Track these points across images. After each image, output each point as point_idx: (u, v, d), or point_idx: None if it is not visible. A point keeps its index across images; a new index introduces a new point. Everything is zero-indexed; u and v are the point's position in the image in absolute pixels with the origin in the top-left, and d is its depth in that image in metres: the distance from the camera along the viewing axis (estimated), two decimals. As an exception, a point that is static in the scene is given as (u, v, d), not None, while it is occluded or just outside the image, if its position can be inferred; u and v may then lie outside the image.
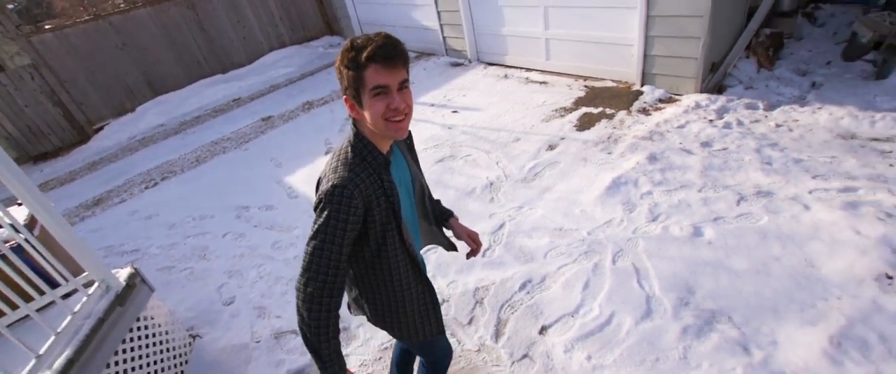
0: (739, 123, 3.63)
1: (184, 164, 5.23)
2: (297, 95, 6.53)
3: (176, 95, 7.21)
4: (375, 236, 1.22)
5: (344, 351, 2.47)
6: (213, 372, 2.52)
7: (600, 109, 4.34)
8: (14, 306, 1.94)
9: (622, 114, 4.16)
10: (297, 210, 3.83)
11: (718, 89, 4.20)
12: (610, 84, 4.78)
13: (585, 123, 4.14)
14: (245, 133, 5.68)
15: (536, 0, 4.97)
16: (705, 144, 3.46)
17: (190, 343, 2.68)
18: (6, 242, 1.97)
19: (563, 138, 3.99)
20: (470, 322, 2.48)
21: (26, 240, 1.94)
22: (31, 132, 6.34)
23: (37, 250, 1.97)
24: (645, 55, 4.35)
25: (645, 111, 4.13)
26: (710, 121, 3.72)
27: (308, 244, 1.15)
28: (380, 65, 1.07)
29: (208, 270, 3.37)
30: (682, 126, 3.73)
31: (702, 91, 4.13)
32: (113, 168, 5.61)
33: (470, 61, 6.25)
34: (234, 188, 4.41)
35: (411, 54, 7.11)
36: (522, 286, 2.61)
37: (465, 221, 3.21)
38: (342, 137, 1.26)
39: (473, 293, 2.63)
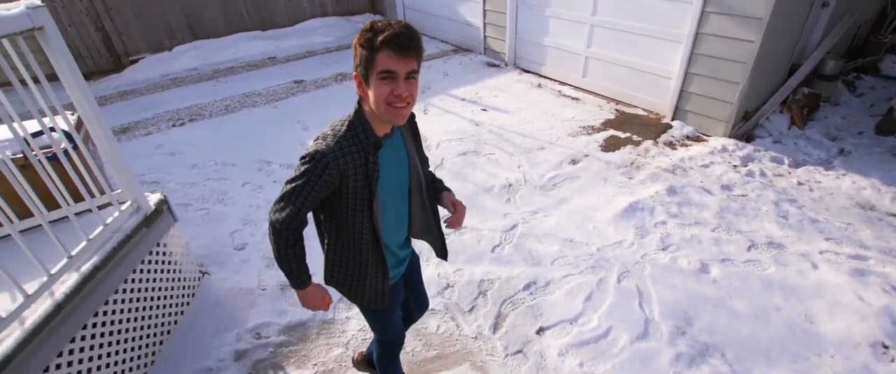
0: (762, 174, 3.68)
1: (213, 110, 5.32)
2: (332, 64, 6.61)
3: (214, 43, 7.31)
4: (347, 202, 1.31)
5: (346, 315, 2.56)
6: (218, 309, 2.61)
7: (628, 134, 4.39)
8: (54, 207, 2.03)
9: (648, 143, 4.21)
10: (317, 174, 3.90)
11: (747, 138, 4.24)
12: (641, 112, 4.83)
13: (611, 145, 4.20)
14: (276, 92, 5.76)
15: (584, 17, 5.02)
16: (726, 188, 3.51)
17: (199, 278, 2.77)
18: (43, 148, 2.05)
19: (586, 155, 4.05)
20: (471, 310, 2.55)
21: (75, 147, 2.03)
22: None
23: (82, 160, 2.05)
24: (681, 90, 4.39)
25: (671, 145, 4.19)
26: (734, 166, 3.77)
27: (285, 184, 1.29)
28: (393, 51, 1.13)
29: (224, 214, 3.46)
30: (705, 166, 3.78)
31: (731, 136, 4.18)
32: (143, 101, 5.71)
33: (506, 64, 6.31)
34: (259, 142, 4.49)
35: (449, 47, 7.21)
36: (526, 287, 2.67)
37: (478, 215, 3.29)
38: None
39: (478, 284, 2.70)
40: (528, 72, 6.09)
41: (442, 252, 1.71)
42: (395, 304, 1.65)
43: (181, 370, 2.28)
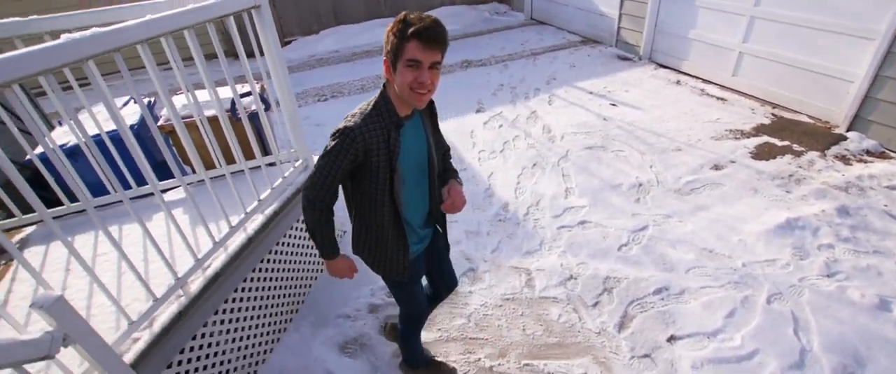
0: (976, 205, 2.97)
1: (351, 88, 5.85)
2: (458, 51, 6.81)
3: (354, 28, 7.98)
4: (371, 176, 1.43)
5: (469, 289, 2.67)
6: (357, 263, 2.89)
7: (786, 142, 3.85)
8: (250, 157, 2.43)
9: (813, 155, 3.65)
10: (443, 155, 4.10)
11: (956, 159, 3.45)
12: (804, 119, 4.20)
13: (764, 153, 3.72)
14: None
15: (744, 7, 4.48)
16: (920, 215, 2.91)
17: (340, 236, 3.10)
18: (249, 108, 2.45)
19: (732, 162, 3.65)
20: (595, 305, 2.49)
21: (267, 109, 2.40)
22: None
23: (267, 123, 2.42)
24: (865, 96, 3.71)
25: (844, 159, 3.58)
26: (935, 191, 3.10)
27: (318, 160, 1.41)
28: (420, 42, 1.23)
29: (360, 182, 3.81)
30: (893, 188, 3.17)
31: (931, 155, 3.43)
32: (295, 77, 6.47)
33: (639, 58, 5.91)
34: (391, 121, 4.83)
35: (576, 38, 6.97)
36: (657, 291, 2.53)
37: (603, 212, 3.18)
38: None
39: (603, 280, 2.62)
40: (665, 67, 5.63)
41: (442, 238, 1.83)
42: (415, 277, 1.75)
43: (325, 312, 2.59)
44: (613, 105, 4.78)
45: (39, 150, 2.64)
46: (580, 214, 3.20)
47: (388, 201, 1.49)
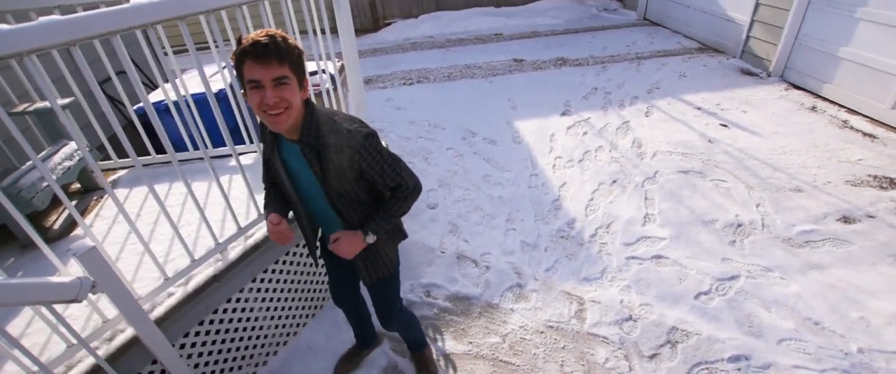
0: None
1: (437, 75, 5.80)
2: (555, 48, 6.42)
3: (452, 14, 7.93)
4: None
5: (511, 306, 2.47)
6: (402, 256, 2.83)
7: (955, 203, 3.01)
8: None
9: None
10: (515, 156, 3.87)
11: None
12: None
13: (919, 212, 2.94)
14: (495, 67, 5.92)
15: (927, 26, 3.55)
16: None
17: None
18: (314, 85, 2.46)
19: (871, 216, 2.94)
20: (652, 358, 2.15)
21: (335, 89, 2.39)
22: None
23: (337, 100, 2.41)
24: None
25: None
26: None
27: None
28: (252, 60, 1.14)
29: (425, 171, 3.74)
30: None
31: None
32: (387, 58, 6.61)
33: (768, 74, 5.05)
34: (469, 112, 4.69)
35: (693, 44, 6.18)
36: (734, 358, 2.11)
37: (687, 250, 2.75)
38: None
39: (668, 330, 2.26)
40: (800, 89, 4.74)
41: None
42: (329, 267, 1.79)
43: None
44: (724, 126, 4.13)
45: (156, 97, 2.94)
46: (657, 246, 2.80)
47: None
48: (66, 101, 2.34)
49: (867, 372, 2.02)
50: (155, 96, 2.88)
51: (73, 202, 2.35)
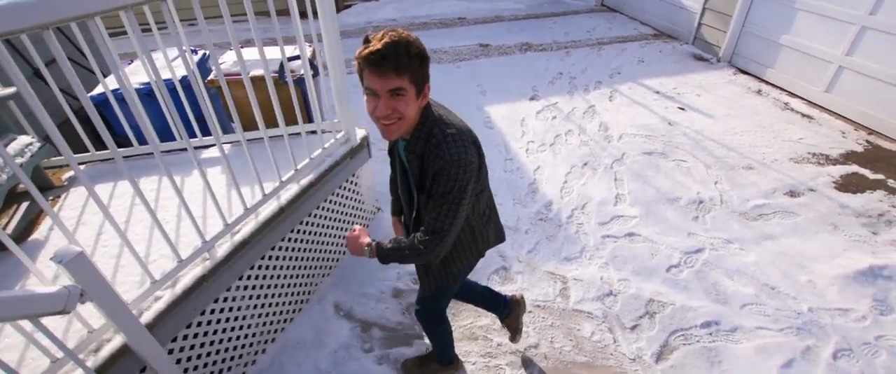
0: None
1: (403, 60, 5.70)
2: (518, 32, 6.47)
3: (414, -3, 7.78)
4: None
5: (499, 289, 2.53)
6: (385, 246, 2.82)
7: (880, 176, 3.38)
8: (291, 123, 2.36)
9: (912, 194, 3.18)
10: (489, 141, 3.91)
11: None
12: (907, 151, 3.67)
13: (851, 185, 3.29)
14: (461, 52, 5.90)
15: (856, 15, 3.91)
16: None
17: (375, 213, 3.03)
18: (294, 72, 2.37)
19: (812, 190, 3.24)
20: (633, 328, 2.29)
21: (315, 75, 2.30)
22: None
23: (313, 91, 2.32)
24: None
25: (951, 204, 3.09)
26: None
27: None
28: (370, 70, 1.09)
29: (400, 159, 3.71)
30: None
31: None
32: (349, 43, 6.38)
33: (718, 60, 5.38)
34: (439, 98, 4.58)
35: (649, 30, 6.44)
36: (705, 324, 2.29)
37: (655, 227, 2.93)
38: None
39: (646, 302, 2.41)
40: (746, 73, 5.10)
41: None
42: None
43: (351, 287, 2.54)
44: (682, 109, 4.38)
45: (97, 90, 2.70)
46: (629, 224, 2.96)
47: None
48: (9, 91, 2.12)
49: (816, 328, 2.26)
50: (114, 83, 2.65)
51: (25, 204, 2.14)
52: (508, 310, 2.05)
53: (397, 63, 1.07)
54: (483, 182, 1.40)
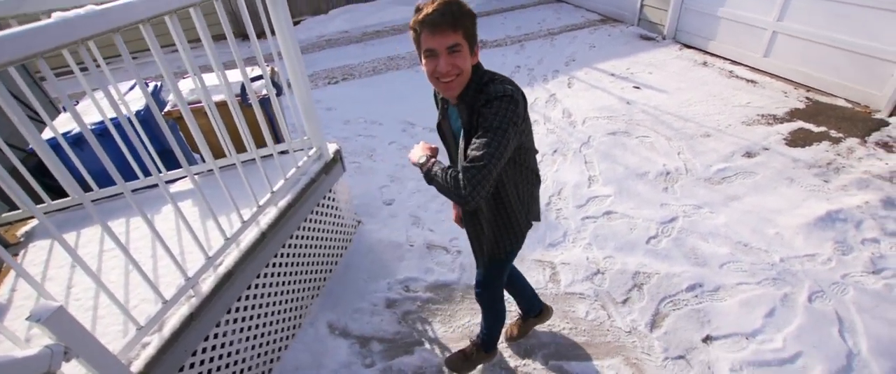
0: None
1: (362, 70, 5.67)
2: (471, 32, 6.55)
3: (364, 7, 7.75)
4: None
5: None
6: (371, 256, 2.80)
7: (823, 128, 3.64)
8: (261, 145, 2.30)
9: (852, 141, 3.44)
10: (459, 140, 3.94)
11: None
12: (842, 103, 3.96)
13: (799, 140, 3.52)
14: (417, 56, 5.91)
15: (781, -17, 4.19)
16: (973, 208, 2.72)
17: (355, 226, 2.99)
18: (258, 92, 2.31)
19: (766, 149, 3.45)
20: (624, 302, 2.36)
21: (279, 94, 2.25)
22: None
23: (278, 110, 2.27)
24: (912, 79, 3.47)
25: (887, 146, 3.36)
26: None
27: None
28: (428, 31, 1.19)
29: (373, 169, 3.68)
30: (942, 177, 2.97)
31: (983, 142, 3.21)
32: (304, 59, 6.29)
33: (663, 38, 5.63)
34: (403, 103, 4.67)
35: (595, 16, 6.67)
36: (690, 288, 2.39)
37: (629, 202, 3.04)
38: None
39: (632, 276, 2.49)
40: (691, 47, 5.37)
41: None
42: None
43: (342, 305, 2.50)
44: (637, 88, 4.56)
45: (46, 135, 2.54)
46: (605, 204, 3.05)
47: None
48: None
49: (789, 276, 2.41)
50: (68, 124, 2.49)
51: (-21, 266, 1.99)
52: (538, 312, 2.18)
53: (453, 20, 1.17)
54: (530, 138, 1.43)
